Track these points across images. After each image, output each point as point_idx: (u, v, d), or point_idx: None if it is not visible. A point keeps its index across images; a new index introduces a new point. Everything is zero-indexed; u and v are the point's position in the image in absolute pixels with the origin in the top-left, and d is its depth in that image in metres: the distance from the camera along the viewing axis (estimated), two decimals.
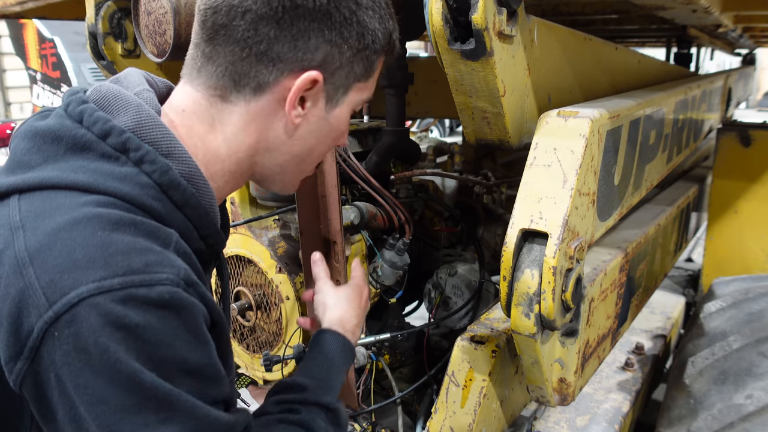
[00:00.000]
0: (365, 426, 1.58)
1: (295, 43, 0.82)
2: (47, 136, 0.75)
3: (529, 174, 1.07)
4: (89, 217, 0.68)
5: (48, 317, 0.63)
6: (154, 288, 0.66)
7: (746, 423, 1.39)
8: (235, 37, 0.81)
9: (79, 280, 0.64)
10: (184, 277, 0.70)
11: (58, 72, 7.42)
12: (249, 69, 0.82)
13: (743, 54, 4.48)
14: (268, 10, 0.79)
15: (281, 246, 1.75)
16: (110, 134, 0.75)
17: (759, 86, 18.52)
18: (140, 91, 0.83)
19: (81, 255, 0.65)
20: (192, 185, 0.79)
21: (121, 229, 0.68)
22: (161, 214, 0.75)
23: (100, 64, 1.86)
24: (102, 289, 0.64)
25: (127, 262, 0.66)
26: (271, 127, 0.88)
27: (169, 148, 0.78)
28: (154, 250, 0.69)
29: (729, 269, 2.68)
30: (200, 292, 0.73)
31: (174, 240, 0.74)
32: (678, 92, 1.79)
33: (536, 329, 1.03)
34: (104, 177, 0.72)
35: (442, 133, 13.05)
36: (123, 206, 0.72)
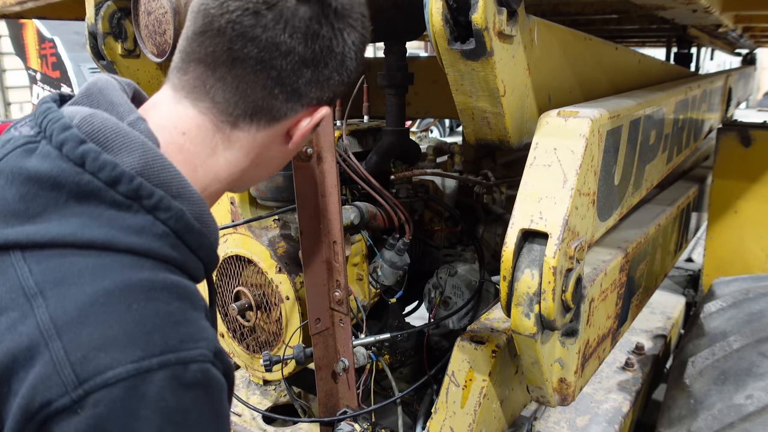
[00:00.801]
0: (365, 426, 1.58)
1: (321, 84, 0.84)
2: (45, 182, 0.68)
3: (529, 174, 1.07)
4: (122, 288, 0.65)
5: (77, 395, 0.59)
6: (189, 367, 0.65)
7: (746, 423, 1.39)
8: (272, 75, 0.80)
9: (117, 359, 0.61)
10: (213, 349, 0.70)
11: (58, 72, 7.42)
12: (274, 103, 0.83)
13: (743, 54, 4.48)
14: (309, 53, 0.80)
15: (281, 246, 1.75)
16: (120, 181, 0.69)
17: (759, 86, 18.52)
18: (134, 121, 0.77)
19: (118, 332, 0.62)
20: (202, 224, 0.77)
21: (156, 297, 0.67)
22: (180, 261, 0.74)
23: (100, 64, 1.86)
24: (140, 370, 0.61)
25: (164, 340, 0.64)
26: (269, 150, 0.89)
27: (180, 189, 0.75)
28: (186, 321, 0.68)
29: (729, 269, 2.68)
30: (223, 359, 0.72)
31: (199, 297, 0.74)
32: (678, 92, 1.79)
33: (536, 329, 1.03)
34: (122, 232, 0.68)
35: (442, 133, 13.05)
36: (147, 265, 0.69)
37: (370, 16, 0.90)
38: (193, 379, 0.65)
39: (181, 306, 0.69)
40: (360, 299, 1.75)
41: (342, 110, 1.81)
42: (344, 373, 1.59)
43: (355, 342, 1.62)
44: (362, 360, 1.65)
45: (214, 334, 0.73)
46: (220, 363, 0.71)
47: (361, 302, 1.74)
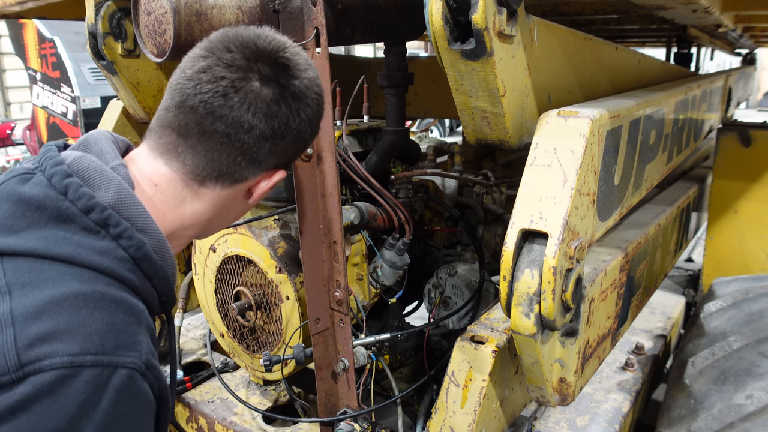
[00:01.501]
0: (365, 426, 1.58)
1: (275, 149, 0.97)
2: (32, 204, 0.81)
3: (529, 174, 1.07)
4: (76, 295, 0.75)
5: (16, 376, 0.68)
6: (117, 371, 0.74)
7: (746, 423, 1.39)
8: (237, 147, 0.94)
9: (56, 350, 0.70)
10: (146, 361, 0.78)
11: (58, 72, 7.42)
12: (237, 170, 0.97)
13: (743, 54, 4.48)
14: (268, 129, 0.94)
15: (281, 246, 1.75)
16: (93, 210, 0.82)
17: (759, 86, 18.52)
18: (116, 166, 0.91)
19: (63, 328, 0.72)
20: (160, 258, 0.89)
21: (103, 307, 0.77)
22: (135, 284, 0.84)
23: (100, 64, 1.86)
24: (74, 363, 0.70)
25: (101, 342, 0.74)
26: (231, 204, 1.02)
27: (144, 224, 0.87)
28: (126, 332, 0.78)
29: (729, 269, 2.68)
30: (155, 375, 0.81)
31: (145, 317, 0.83)
32: (678, 92, 1.79)
33: (536, 329, 1.03)
34: (87, 251, 0.80)
35: (442, 133, 13.05)
36: (104, 280, 0.80)
37: (371, 16, 0.90)
38: (118, 383, 0.74)
39: (126, 319, 0.79)
40: (360, 299, 1.75)
41: (342, 110, 1.81)
42: (344, 373, 1.59)
43: (355, 342, 1.62)
44: (362, 360, 1.65)
45: (152, 350, 0.81)
46: (153, 378, 0.80)
47: (361, 302, 1.74)
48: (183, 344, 2.35)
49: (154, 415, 0.83)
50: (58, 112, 7.64)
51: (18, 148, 9.35)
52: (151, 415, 0.82)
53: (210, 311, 1.98)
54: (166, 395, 0.85)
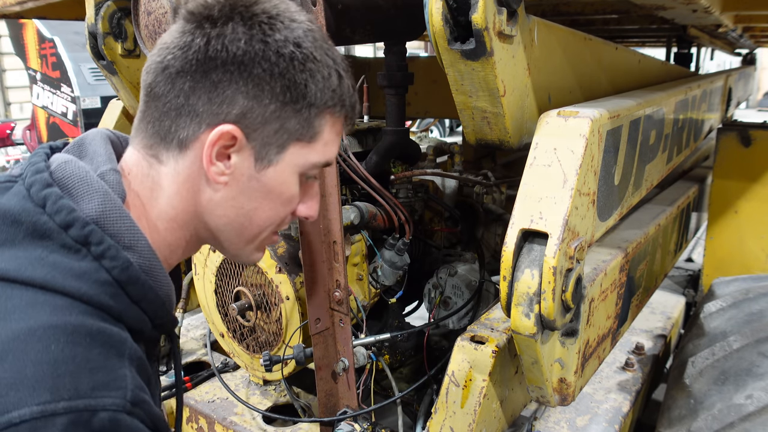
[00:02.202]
0: (365, 426, 1.58)
1: (209, 95, 0.81)
2: (6, 218, 0.73)
3: (529, 174, 1.07)
4: (45, 328, 0.66)
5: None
6: (97, 414, 0.64)
7: (746, 423, 1.39)
8: (157, 93, 0.82)
9: (24, 400, 0.61)
10: (131, 399, 0.69)
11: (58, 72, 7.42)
12: (171, 124, 0.83)
13: (743, 54, 4.48)
14: (183, 63, 0.81)
15: (281, 246, 1.75)
16: (72, 225, 0.73)
17: (759, 86, 18.52)
18: (105, 172, 0.81)
19: (31, 372, 0.63)
20: (150, 278, 0.79)
21: (77, 341, 0.67)
22: (117, 311, 0.74)
23: (100, 64, 1.86)
24: (45, 413, 0.61)
25: (74, 385, 0.64)
26: (201, 187, 0.86)
27: (131, 240, 0.78)
28: (105, 368, 0.68)
29: (729, 269, 2.68)
30: (146, 409, 0.71)
31: (128, 347, 0.73)
32: (678, 92, 1.79)
33: (536, 329, 1.03)
34: (62, 274, 0.70)
35: (442, 133, 13.06)
36: (79, 308, 0.70)
37: (371, 16, 0.90)
38: (100, 427, 0.64)
39: (103, 353, 0.69)
40: (360, 299, 1.75)
41: None
42: (344, 373, 1.59)
43: (355, 342, 1.62)
44: (362, 360, 1.65)
45: (138, 384, 0.71)
46: (144, 413, 0.70)
47: (361, 302, 1.74)
48: (183, 344, 2.35)
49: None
50: (58, 112, 7.64)
51: (18, 148, 9.35)
52: None
53: (210, 311, 1.98)
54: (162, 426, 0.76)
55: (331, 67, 0.87)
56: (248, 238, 0.93)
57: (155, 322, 0.81)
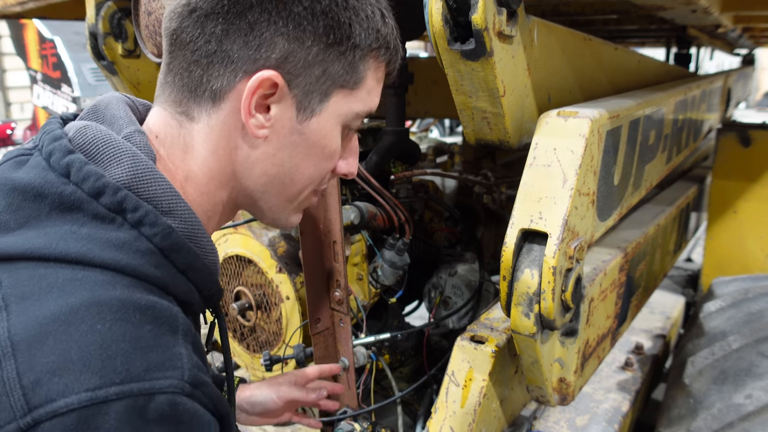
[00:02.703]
0: (365, 426, 1.58)
1: (246, 38, 0.72)
2: (27, 193, 0.65)
3: (529, 174, 1.07)
4: (87, 305, 0.59)
5: (25, 423, 0.53)
6: (154, 398, 0.58)
7: (746, 423, 1.40)
8: (185, 40, 0.73)
9: (70, 386, 0.55)
10: (189, 379, 0.62)
11: (59, 72, 7.43)
12: (202, 74, 0.74)
13: (743, 54, 4.48)
14: (214, 4, 0.72)
15: (281, 246, 1.76)
16: (103, 193, 0.65)
17: (758, 86, 18.52)
18: (130, 134, 0.73)
19: (77, 355, 0.56)
20: (195, 245, 0.71)
21: (125, 318, 0.60)
22: (164, 282, 0.67)
23: (101, 64, 1.86)
24: (95, 400, 0.55)
25: (126, 367, 0.57)
26: (237, 144, 0.77)
27: (170, 204, 0.70)
28: (158, 346, 0.61)
29: (729, 269, 2.69)
30: (206, 391, 0.64)
31: (181, 322, 0.66)
32: (678, 92, 1.79)
33: (536, 329, 1.03)
34: (99, 246, 0.63)
35: (442, 133, 13.05)
36: (123, 282, 0.63)
37: None
38: (158, 412, 0.58)
39: (155, 330, 0.61)
40: (360, 299, 1.75)
41: None
42: (344, 373, 1.59)
43: (355, 342, 1.62)
44: (362, 360, 1.66)
45: (196, 363, 0.64)
46: (203, 394, 0.64)
47: (361, 302, 1.74)
48: None
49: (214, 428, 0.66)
50: (59, 113, 7.65)
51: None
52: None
53: None
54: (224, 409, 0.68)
55: (374, 5, 0.79)
56: (289, 198, 0.85)
57: (203, 294, 0.74)
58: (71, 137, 0.71)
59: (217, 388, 0.68)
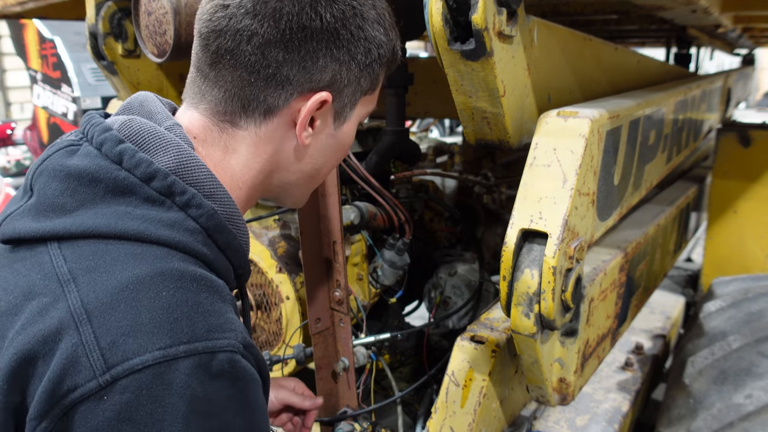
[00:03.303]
0: (365, 426, 1.58)
1: (304, 64, 0.80)
2: (83, 178, 0.72)
3: (529, 174, 1.07)
4: (152, 275, 0.66)
5: (104, 380, 0.60)
6: (216, 356, 0.65)
7: (746, 423, 1.40)
8: (242, 62, 0.79)
9: (144, 346, 0.61)
10: (242, 340, 0.69)
11: (59, 72, 7.42)
12: (258, 93, 0.81)
13: (743, 54, 4.48)
14: (275, 33, 0.78)
15: (281, 246, 1.76)
16: (154, 177, 0.72)
17: (758, 86, 18.52)
18: (171, 126, 0.80)
19: (147, 318, 0.63)
20: (233, 226, 0.79)
21: (185, 287, 0.67)
22: (210, 259, 0.75)
23: (101, 64, 1.86)
24: (167, 357, 0.62)
25: (191, 328, 0.65)
26: (281, 149, 0.87)
27: (212, 189, 0.77)
28: (215, 311, 0.68)
29: (729, 269, 2.69)
30: (254, 353, 0.72)
31: (227, 291, 0.74)
32: (677, 92, 1.79)
33: (536, 329, 1.03)
34: (154, 225, 0.70)
35: (442, 133, 13.05)
36: (178, 256, 0.71)
37: None
38: (220, 368, 0.65)
39: (210, 297, 0.69)
40: (360, 299, 1.75)
41: None
42: (344, 373, 1.59)
43: (355, 342, 1.62)
44: (362, 360, 1.66)
45: (243, 328, 0.72)
46: (252, 356, 0.71)
47: (361, 302, 1.74)
48: None
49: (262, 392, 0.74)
50: (59, 113, 7.64)
51: (18, 148, 9.35)
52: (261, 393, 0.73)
53: None
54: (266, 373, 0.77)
55: (390, 21, 0.89)
56: (313, 187, 0.99)
57: (237, 272, 0.82)
58: (118, 128, 0.77)
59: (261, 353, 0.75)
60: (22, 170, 8.97)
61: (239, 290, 0.94)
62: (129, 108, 0.84)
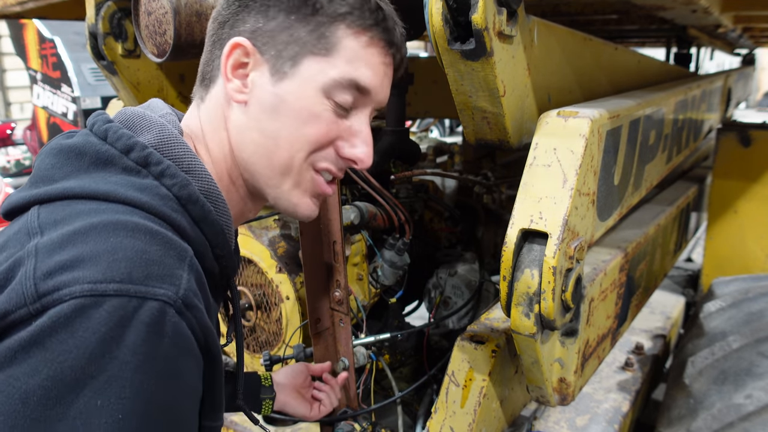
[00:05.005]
0: (365, 426, 1.58)
1: (231, 23, 0.87)
2: (71, 152, 0.77)
3: (529, 174, 1.07)
4: (106, 223, 0.67)
5: (34, 308, 0.60)
6: (146, 303, 0.63)
7: (746, 423, 1.40)
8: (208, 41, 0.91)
9: (76, 278, 0.61)
10: (183, 297, 0.66)
11: (59, 72, 7.42)
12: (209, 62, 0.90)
13: (743, 54, 4.48)
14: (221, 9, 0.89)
15: (281, 246, 1.76)
16: (133, 149, 0.77)
17: (759, 86, 18.52)
18: (164, 114, 0.87)
19: (87, 256, 0.63)
20: (210, 202, 0.80)
21: (136, 236, 0.67)
22: (181, 226, 0.75)
23: (101, 64, 1.86)
24: (94, 292, 0.61)
25: (128, 270, 0.63)
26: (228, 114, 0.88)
27: (190, 165, 0.80)
28: (162, 263, 0.67)
29: (729, 269, 2.69)
30: (197, 316, 0.69)
31: (189, 256, 0.72)
32: (678, 92, 1.79)
33: (536, 329, 1.03)
34: (124, 187, 0.73)
35: (442, 133, 13.05)
36: (142, 214, 0.71)
37: None
38: (146, 317, 0.62)
39: (161, 251, 0.68)
40: (360, 299, 1.75)
41: None
42: (344, 373, 1.59)
43: (355, 342, 1.62)
44: (362, 360, 1.65)
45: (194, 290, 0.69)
46: (195, 321, 0.68)
47: (361, 302, 1.74)
48: None
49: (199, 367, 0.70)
50: (59, 113, 7.64)
51: (18, 148, 9.35)
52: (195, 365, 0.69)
53: None
54: (215, 350, 0.72)
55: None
56: (280, 167, 0.87)
57: (215, 251, 0.81)
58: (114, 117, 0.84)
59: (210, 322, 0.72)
60: (22, 170, 8.97)
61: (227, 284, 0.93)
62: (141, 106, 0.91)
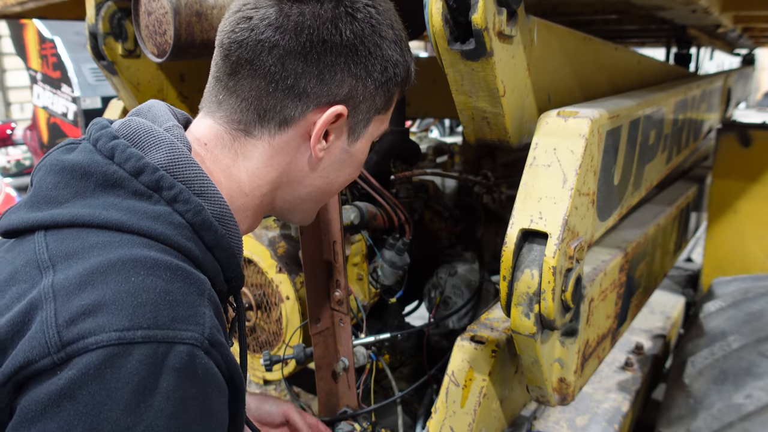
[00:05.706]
0: (365, 426, 1.58)
1: (322, 77, 0.82)
2: (76, 171, 0.73)
3: (529, 174, 1.07)
4: (124, 261, 0.65)
5: (59, 357, 0.59)
6: (175, 347, 0.62)
7: (746, 422, 1.40)
8: (261, 72, 0.81)
9: (102, 326, 0.60)
10: (209, 336, 0.67)
11: (59, 72, 7.42)
12: (275, 104, 0.82)
13: (743, 54, 4.48)
14: (295, 45, 0.80)
15: (281, 246, 1.76)
16: (143, 172, 0.73)
17: (758, 86, 18.52)
18: (170, 127, 0.82)
19: (110, 300, 0.62)
20: (222, 226, 0.78)
21: (157, 274, 0.66)
22: (195, 255, 0.73)
23: (101, 64, 1.86)
24: (123, 340, 0.60)
25: (154, 315, 0.62)
26: (294, 160, 0.88)
27: (202, 187, 0.77)
28: (185, 302, 0.66)
29: (729, 269, 2.69)
30: (222, 353, 0.69)
31: (207, 288, 0.71)
32: (678, 92, 1.79)
33: (536, 329, 1.03)
34: (138, 216, 0.70)
35: (442, 133, 13.05)
36: (158, 247, 0.69)
37: None
38: (177, 361, 0.62)
39: (183, 288, 0.67)
40: (360, 299, 1.75)
41: None
42: (344, 373, 1.59)
43: (355, 342, 1.62)
44: (362, 360, 1.65)
45: (216, 325, 0.69)
46: (220, 356, 0.68)
47: (361, 302, 1.74)
48: None
49: (226, 399, 0.71)
50: (59, 113, 7.64)
51: (18, 148, 9.35)
52: (224, 399, 0.70)
53: None
54: (238, 378, 0.73)
55: (406, 42, 0.91)
56: (322, 203, 0.99)
57: (226, 274, 0.80)
58: (116, 128, 0.79)
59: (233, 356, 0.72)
60: (22, 170, 8.98)
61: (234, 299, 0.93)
62: (138, 113, 0.86)
